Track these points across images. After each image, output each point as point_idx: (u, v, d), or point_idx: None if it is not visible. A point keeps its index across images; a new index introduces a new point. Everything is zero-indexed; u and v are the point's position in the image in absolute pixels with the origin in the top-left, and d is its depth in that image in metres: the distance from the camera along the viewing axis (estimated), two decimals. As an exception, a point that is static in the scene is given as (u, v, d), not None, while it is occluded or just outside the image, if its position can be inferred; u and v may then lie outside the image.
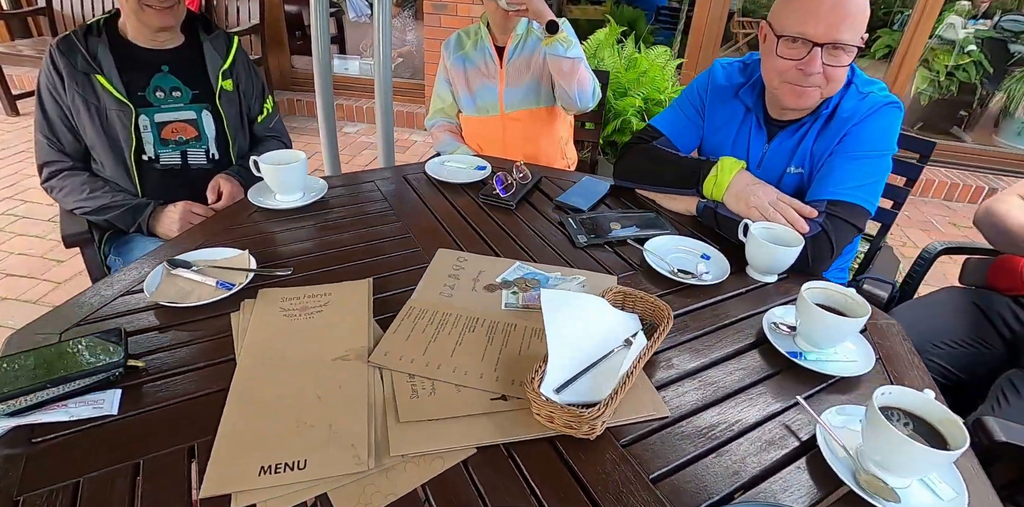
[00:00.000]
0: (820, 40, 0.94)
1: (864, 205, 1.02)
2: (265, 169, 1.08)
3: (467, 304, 0.84)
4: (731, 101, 1.18)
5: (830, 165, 1.05)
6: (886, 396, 0.61)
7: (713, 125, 1.22)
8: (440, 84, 1.75)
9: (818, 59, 0.95)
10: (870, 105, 1.04)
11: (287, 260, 0.93)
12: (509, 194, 1.17)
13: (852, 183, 1.03)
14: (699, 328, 0.83)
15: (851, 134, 1.05)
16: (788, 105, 1.06)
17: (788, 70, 0.99)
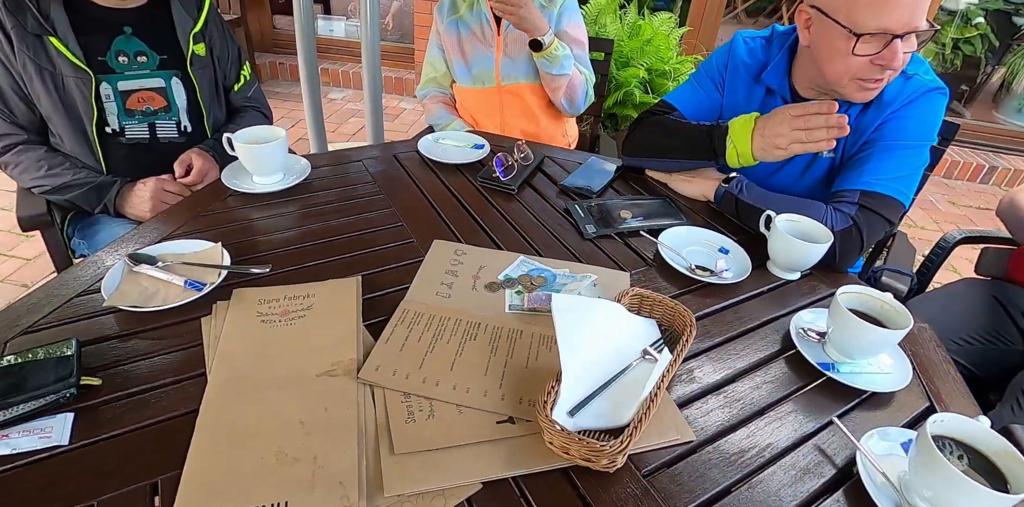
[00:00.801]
0: (902, 30, 0.82)
1: (899, 198, 0.93)
2: (240, 148, 0.96)
3: (467, 306, 0.75)
4: (754, 85, 1.07)
5: (866, 153, 0.95)
6: (938, 425, 0.54)
7: (733, 101, 1.11)
8: (432, 51, 1.60)
9: (900, 51, 0.83)
10: (914, 89, 0.93)
11: (265, 253, 0.83)
12: (510, 177, 1.06)
13: (888, 174, 0.93)
14: (721, 333, 0.76)
15: (891, 121, 0.94)
16: (854, 100, 0.94)
17: (863, 66, 0.87)
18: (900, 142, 0.94)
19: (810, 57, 0.95)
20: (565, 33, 1.47)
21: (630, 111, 2.06)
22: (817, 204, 0.94)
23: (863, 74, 0.87)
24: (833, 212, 0.92)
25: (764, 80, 1.04)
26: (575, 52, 1.47)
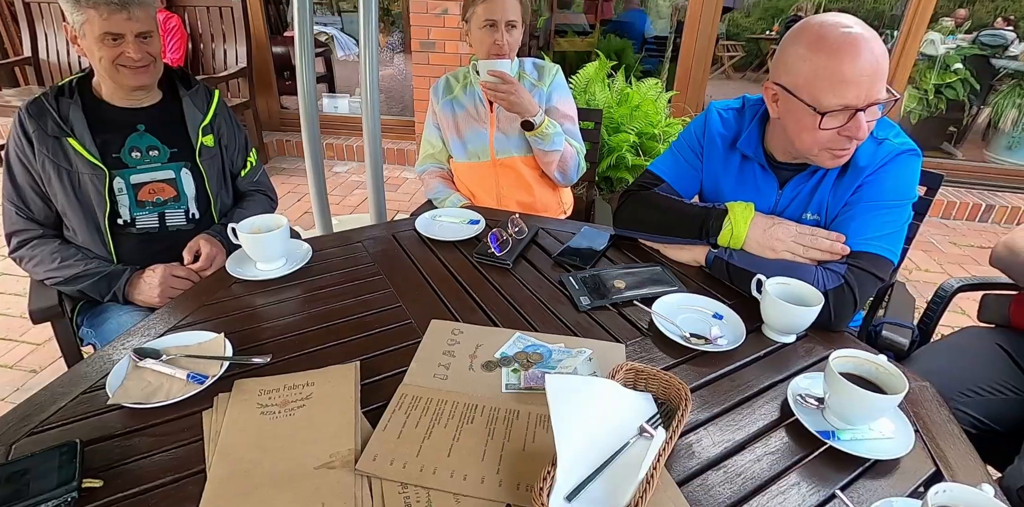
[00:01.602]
0: (863, 104, 0.88)
1: (887, 256, 0.96)
2: (244, 238, 1.02)
3: (464, 387, 0.77)
4: (730, 154, 1.14)
5: (849, 215, 1.00)
6: (940, 495, 0.54)
7: (713, 170, 1.17)
8: (429, 129, 1.71)
9: (863, 123, 0.89)
10: (886, 153, 0.99)
11: (267, 341, 0.86)
12: (505, 252, 1.11)
13: (873, 233, 0.97)
14: (719, 403, 0.76)
15: (868, 184, 0.99)
16: (826, 167, 1.00)
17: (831, 138, 0.93)
18: (881, 202, 0.98)
19: (781, 126, 1.01)
20: (555, 109, 1.57)
21: (624, 173, 2.15)
22: (807, 266, 0.97)
23: (832, 145, 0.93)
24: (824, 273, 0.95)
25: (739, 147, 1.10)
26: (566, 126, 1.56)
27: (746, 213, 1.03)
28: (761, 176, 1.10)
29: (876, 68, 0.86)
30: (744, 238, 1.02)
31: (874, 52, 0.86)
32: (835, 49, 0.86)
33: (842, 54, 0.86)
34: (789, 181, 1.07)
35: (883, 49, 0.88)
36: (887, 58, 0.89)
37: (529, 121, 1.46)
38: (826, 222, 1.04)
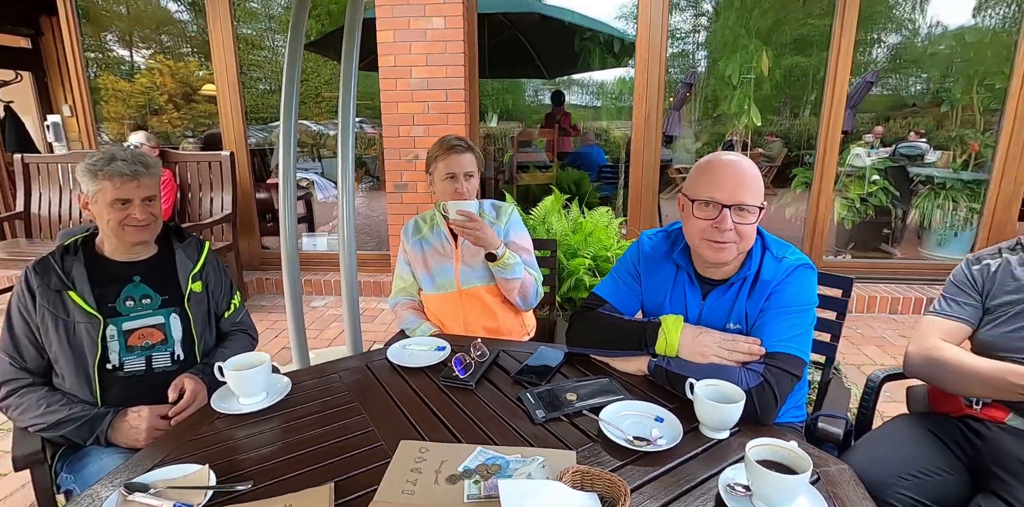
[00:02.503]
0: (727, 202, 1.15)
1: (798, 355, 1.14)
2: (229, 376, 1.15)
3: (430, 500, 0.86)
4: (664, 264, 1.36)
5: (762, 322, 1.20)
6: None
7: (651, 288, 1.38)
8: (401, 266, 1.93)
9: (728, 218, 1.15)
10: (786, 268, 1.22)
11: (248, 470, 0.95)
12: (468, 374, 1.25)
13: (784, 336, 1.16)
14: (662, 497, 0.87)
15: (775, 294, 1.21)
16: (709, 260, 1.23)
17: (706, 228, 1.18)
18: (787, 309, 1.18)
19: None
20: (513, 243, 1.82)
21: (583, 294, 2.37)
22: (732, 368, 1.14)
23: (708, 236, 1.18)
24: (746, 373, 1.11)
25: (674, 257, 1.33)
26: (524, 258, 1.80)
27: (676, 324, 1.22)
28: (688, 288, 1.31)
29: (741, 178, 1.16)
30: (677, 346, 1.19)
31: (741, 167, 1.17)
32: (712, 162, 1.20)
33: (715, 164, 1.19)
34: (710, 293, 1.28)
35: (753, 170, 1.19)
36: (755, 176, 1.18)
37: (492, 253, 1.69)
38: (747, 329, 1.23)
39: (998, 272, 1.28)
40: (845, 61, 3.53)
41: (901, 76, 7.55)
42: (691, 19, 8.11)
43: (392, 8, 3.54)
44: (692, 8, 8.57)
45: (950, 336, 1.28)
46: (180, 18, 7.07)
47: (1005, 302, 1.25)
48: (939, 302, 1.35)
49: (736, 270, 1.25)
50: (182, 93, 7.66)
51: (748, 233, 1.18)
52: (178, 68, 7.51)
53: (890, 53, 7.37)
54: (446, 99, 3.65)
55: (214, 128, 4.57)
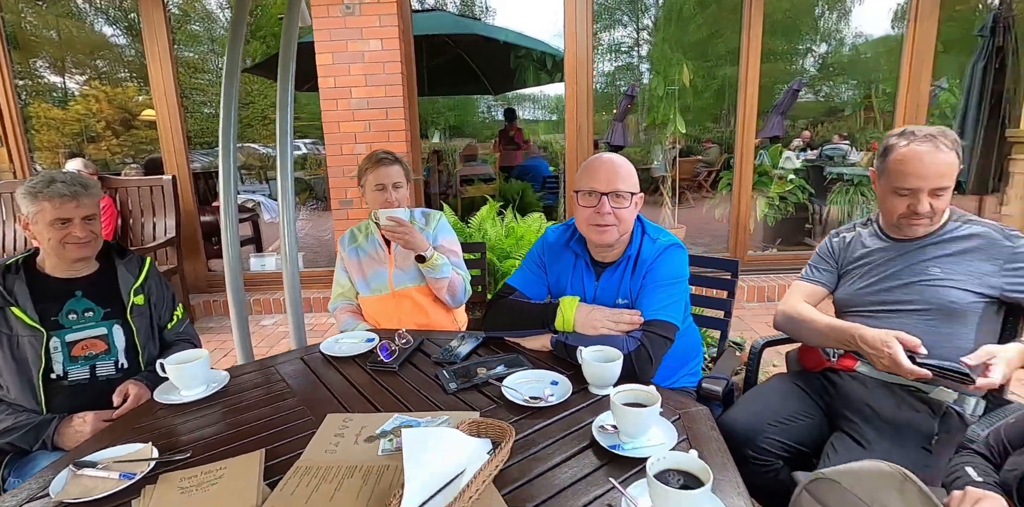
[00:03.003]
0: (605, 190, 1.38)
1: (670, 320, 1.35)
2: (170, 369, 1.27)
3: (349, 456, 1.01)
4: (564, 252, 1.57)
5: (641, 295, 1.41)
6: (661, 461, 0.84)
7: (555, 274, 1.59)
8: (339, 272, 2.08)
9: (607, 203, 1.37)
10: (659, 248, 1.44)
11: (189, 446, 1.08)
12: (392, 359, 1.41)
13: (658, 305, 1.37)
14: (546, 441, 1.04)
15: (651, 270, 1.42)
16: (595, 242, 1.45)
17: (590, 215, 1.40)
18: (660, 282, 1.40)
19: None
20: (441, 246, 1.99)
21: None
22: (617, 337, 1.34)
23: (592, 221, 1.40)
24: (627, 340, 1.31)
25: (572, 247, 1.54)
26: (452, 260, 1.97)
27: (572, 304, 1.41)
28: (585, 272, 1.52)
29: (614, 170, 1.39)
30: (573, 322, 1.38)
31: (616, 162, 1.40)
32: (592, 160, 1.44)
33: (594, 162, 1.43)
34: (602, 274, 1.48)
35: (626, 165, 1.43)
36: (628, 169, 1.42)
37: (422, 255, 1.86)
38: (633, 303, 1.44)
39: (851, 243, 1.54)
40: (754, 73, 3.89)
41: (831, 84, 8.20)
42: (634, 34, 8.57)
43: (330, 32, 3.71)
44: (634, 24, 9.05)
45: (810, 297, 1.54)
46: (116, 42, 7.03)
47: (855, 267, 1.51)
48: (805, 269, 1.61)
49: (621, 253, 1.46)
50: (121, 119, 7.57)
51: (625, 217, 1.40)
52: (115, 94, 7.44)
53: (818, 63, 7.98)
54: (386, 117, 3.82)
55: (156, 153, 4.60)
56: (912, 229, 1.39)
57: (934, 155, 1.30)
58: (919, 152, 1.31)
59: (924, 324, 1.36)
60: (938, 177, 1.30)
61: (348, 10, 3.69)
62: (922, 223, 1.37)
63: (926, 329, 1.34)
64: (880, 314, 1.43)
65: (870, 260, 1.49)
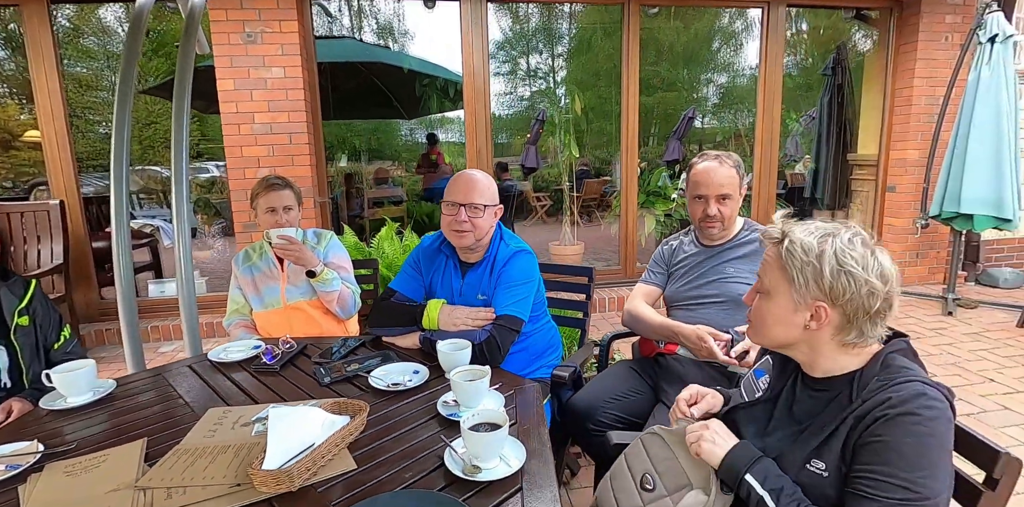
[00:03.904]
0: (462, 201, 1.65)
1: (517, 315, 1.63)
2: (55, 378, 1.39)
3: (225, 438, 1.19)
4: (437, 255, 1.84)
5: (495, 293, 1.68)
6: (474, 417, 1.08)
7: (430, 274, 1.84)
8: (234, 290, 2.21)
9: (463, 212, 1.65)
10: (509, 253, 1.73)
11: (74, 440, 1.21)
12: (275, 361, 1.58)
13: (508, 302, 1.64)
14: (398, 417, 1.26)
15: (503, 273, 1.70)
16: (455, 244, 1.74)
17: (451, 221, 1.68)
18: (510, 283, 1.68)
19: None
20: (332, 263, 2.18)
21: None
22: (473, 331, 1.59)
23: (451, 227, 1.68)
24: (481, 332, 1.57)
25: (443, 250, 1.80)
26: (342, 274, 2.16)
27: (436, 305, 1.66)
28: (453, 272, 1.79)
29: (473, 185, 1.68)
30: (437, 320, 1.62)
31: (474, 179, 1.69)
32: (456, 176, 1.72)
33: (457, 177, 1.72)
34: (467, 273, 1.75)
35: (486, 180, 1.71)
36: (486, 184, 1.70)
37: (312, 271, 2.04)
38: (491, 299, 1.70)
39: (676, 249, 1.89)
40: (634, 102, 4.37)
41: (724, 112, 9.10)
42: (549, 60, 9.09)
43: (231, 59, 3.82)
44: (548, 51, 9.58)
45: (648, 296, 1.87)
46: (-7, 56, 6.64)
47: (677, 268, 1.85)
48: (645, 273, 1.94)
49: (482, 256, 1.75)
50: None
51: (480, 224, 1.69)
52: (-10, 112, 7.00)
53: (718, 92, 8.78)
54: (290, 142, 3.96)
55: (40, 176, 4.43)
56: (709, 232, 1.76)
57: (718, 169, 1.68)
58: (708, 167, 1.70)
59: (724, 313, 1.71)
60: (720, 186, 1.68)
61: (250, 38, 3.83)
62: (715, 226, 1.74)
63: (725, 317, 1.69)
64: (693, 306, 1.77)
65: (687, 263, 1.84)
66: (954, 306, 4.12)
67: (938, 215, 4.14)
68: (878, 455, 0.84)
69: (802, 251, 0.93)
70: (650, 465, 1.12)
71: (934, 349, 3.46)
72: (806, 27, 6.09)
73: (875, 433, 0.85)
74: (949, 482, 0.84)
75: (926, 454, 0.82)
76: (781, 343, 1.00)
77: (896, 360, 0.93)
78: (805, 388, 1.02)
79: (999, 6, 4.02)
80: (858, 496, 0.84)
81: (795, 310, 0.95)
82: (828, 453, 0.90)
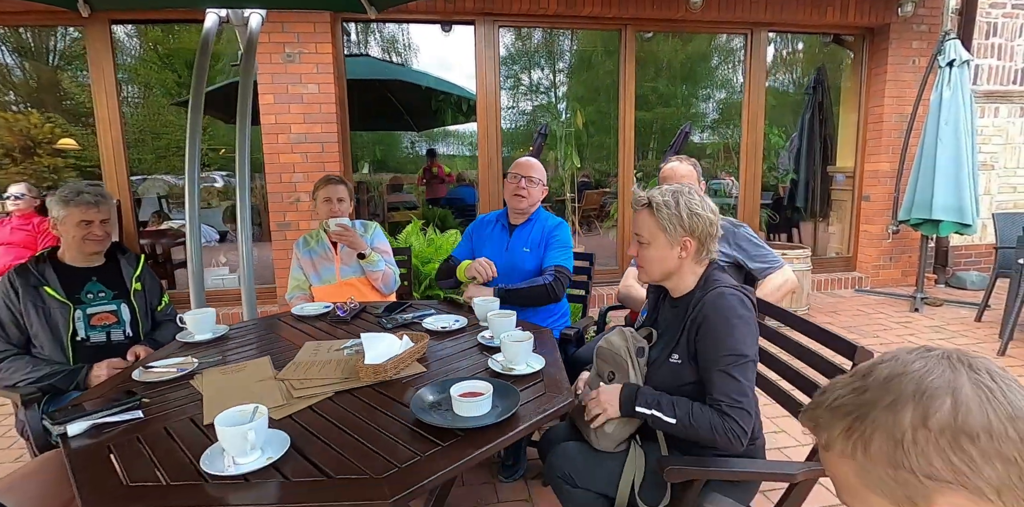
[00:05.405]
0: (524, 174, 2.23)
1: (566, 264, 2.19)
2: (187, 318, 1.87)
3: (326, 357, 1.65)
4: (489, 225, 2.43)
5: (548, 250, 2.24)
6: (510, 335, 1.55)
7: (482, 239, 2.41)
8: (295, 269, 2.70)
9: (523, 182, 2.22)
10: (557, 221, 2.32)
11: (217, 356, 1.67)
12: (346, 313, 2.05)
13: (561, 257, 2.20)
14: (450, 345, 1.73)
15: (553, 235, 2.27)
16: (513, 206, 2.31)
17: (514, 188, 2.25)
18: (560, 243, 2.23)
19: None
20: (377, 248, 2.66)
21: (436, 290, 3.25)
22: (538, 277, 2.10)
23: (514, 191, 2.27)
24: (545, 277, 2.09)
25: (498, 218, 2.38)
26: (385, 258, 2.65)
27: (464, 264, 2.16)
28: (502, 232, 2.35)
29: (530, 165, 2.26)
30: (464, 270, 2.14)
31: (531, 162, 2.27)
32: (519, 160, 2.28)
33: (519, 160, 2.28)
34: (514, 231, 2.29)
35: (538, 166, 2.29)
36: (539, 168, 2.29)
37: (362, 253, 2.52)
38: (535, 251, 2.23)
39: None
40: (630, 118, 4.89)
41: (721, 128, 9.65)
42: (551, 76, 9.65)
43: (272, 76, 4.35)
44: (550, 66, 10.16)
45: (638, 278, 2.34)
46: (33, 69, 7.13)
47: None
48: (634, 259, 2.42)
49: (526, 220, 2.32)
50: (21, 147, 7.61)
51: (533, 193, 2.29)
52: (16, 120, 7.51)
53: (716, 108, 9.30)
54: (322, 151, 4.46)
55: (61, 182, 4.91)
56: None
57: (679, 167, 2.25)
58: (672, 165, 2.28)
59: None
60: (681, 178, 2.21)
61: (289, 58, 4.36)
62: None
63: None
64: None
65: None
66: (921, 304, 4.59)
67: (907, 221, 4.62)
68: (704, 338, 1.33)
69: (665, 207, 1.40)
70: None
71: (897, 339, 3.92)
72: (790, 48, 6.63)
73: (698, 324, 1.34)
74: (755, 341, 1.34)
75: (732, 330, 1.30)
76: (665, 274, 1.45)
77: (712, 275, 1.43)
78: (668, 307, 1.51)
79: (956, 34, 4.56)
80: (707, 368, 1.32)
81: (671, 247, 1.42)
82: (679, 348, 1.39)
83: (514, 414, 1.23)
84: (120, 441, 1.21)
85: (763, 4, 4.70)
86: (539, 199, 2.34)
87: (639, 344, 1.45)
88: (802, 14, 4.78)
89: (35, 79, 7.02)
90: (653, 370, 1.44)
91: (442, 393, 1.32)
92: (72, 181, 6.51)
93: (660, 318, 1.53)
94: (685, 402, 1.33)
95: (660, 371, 1.42)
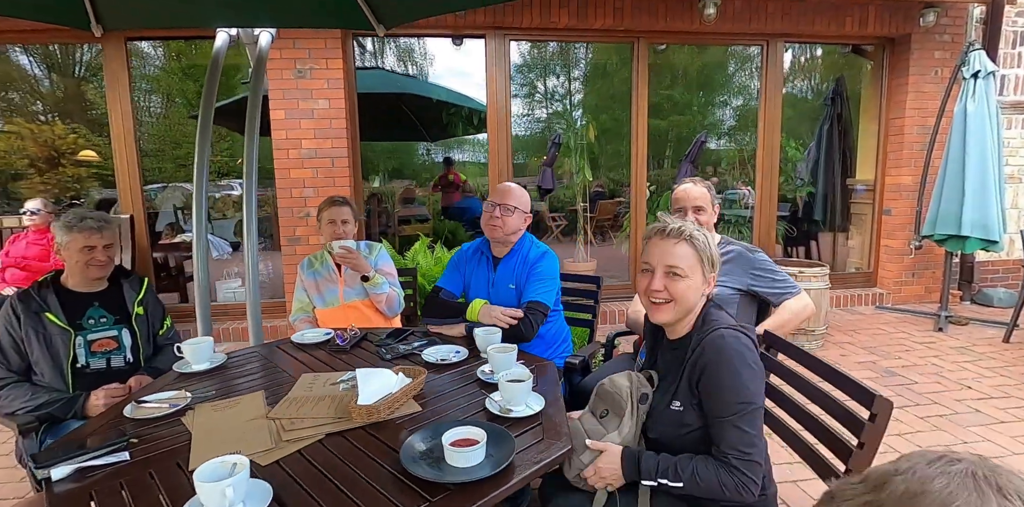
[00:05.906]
0: (498, 202, 2.14)
1: (544, 301, 2.08)
2: (185, 348, 1.84)
3: (321, 392, 1.61)
4: (474, 255, 2.31)
5: (527, 284, 2.14)
6: (507, 375, 1.49)
7: (469, 272, 2.30)
8: (299, 291, 2.67)
9: (497, 211, 2.13)
10: (540, 252, 2.20)
11: (211, 390, 1.64)
12: (346, 342, 2.01)
13: (539, 291, 2.10)
14: (448, 380, 1.68)
15: (534, 267, 2.16)
16: (491, 237, 2.21)
17: (488, 217, 2.16)
18: (541, 276, 2.14)
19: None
20: (381, 269, 2.63)
21: (444, 309, 3.22)
22: None
23: (488, 221, 2.16)
24: None
25: (480, 250, 2.28)
26: (389, 280, 2.61)
27: (477, 303, 2.10)
28: (487, 264, 2.25)
29: (508, 192, 2.16)
30: (477, 313, 2.06)
31: (510, 188, 2.19)
32: (498, 186, 2.19)
33: (498, 187, 2.19)
34: (498, 265, 2.19)
35: (518, 191, 2.20)
36: (518, 193, 2.19)
37: (366, 276, 2.49)
38: (519, 287, 2.14)
39: None
40: (642, 128, 4.82)
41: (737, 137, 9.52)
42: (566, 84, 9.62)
43: (284, 92, 4.37)
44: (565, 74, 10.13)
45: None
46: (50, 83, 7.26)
47: None
48: None
49: (510, 250, 2.22)
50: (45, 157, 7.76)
51: (509, 222, 2.16)
52: (41, 131, 7.66)
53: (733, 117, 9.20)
54: (332, 166, 4.47)
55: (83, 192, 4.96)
56: None
57: (693, 189, 2.16)
58: (685, 187, 2.20)
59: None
60: (695, 200, 2.14)
61: (300, 74, 4.38)
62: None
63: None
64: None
65: None
66: (945, 323, 4.44)
67: (931, 236, 4.48)
68: (708, 387, 1.27)
69: (702, 242, 1.36)
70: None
71: (920, 360, 3.79)
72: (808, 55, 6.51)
73: (699, 371, 1.29)
74: (761, 385, 1.29)
75: (736, 377, 1.24)
76: (690, 309, 1.39)
77: (710, 315, 1.37)
78: (668, 349, 1.45)
79: (981, 44, 4.43)
80: (713, 418, 1.26)
81: (704, 282, 1.37)
82: (679, 394, 1.33)
83: (509, 464, 1.18)
84: (103, 487, 1.18)
85: (779, 15, 4.61)
86: (518, 228, 2.20)
87: (643, 389, 1.39)
88: (820, 25, 4.68)
89: (61, 90, 7.17)
90: (653, 417, 1.38)
91: (434, 439, 1.27)
92: (94, 190, 6.64)
93: (660, 361, 1.46)
94: (688, 461, 1.28)
95: (661, 418, 1.36)
